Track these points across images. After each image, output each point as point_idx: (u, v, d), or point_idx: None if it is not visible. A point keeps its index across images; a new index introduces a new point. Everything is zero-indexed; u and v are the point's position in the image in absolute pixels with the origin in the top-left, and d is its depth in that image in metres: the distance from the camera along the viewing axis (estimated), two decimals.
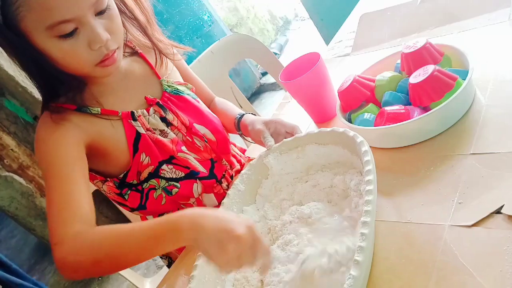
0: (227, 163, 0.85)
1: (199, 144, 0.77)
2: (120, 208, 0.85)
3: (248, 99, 2.09)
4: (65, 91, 0.66)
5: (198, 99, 0.83)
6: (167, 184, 0.74)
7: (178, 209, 0.80)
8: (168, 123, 0.75)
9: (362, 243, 0.44)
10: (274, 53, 1.51)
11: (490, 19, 0.75)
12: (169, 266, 0.90)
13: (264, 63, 1.23)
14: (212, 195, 0.81)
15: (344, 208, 0.58)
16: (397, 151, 0.62)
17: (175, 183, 0.75)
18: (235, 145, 0.97)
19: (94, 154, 0.66)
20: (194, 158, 0.77)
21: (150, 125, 0.72)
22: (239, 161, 0.91)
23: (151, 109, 0.73)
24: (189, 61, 1.03)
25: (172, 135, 0.74)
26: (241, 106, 1.21)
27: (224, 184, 0.83)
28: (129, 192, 0.73)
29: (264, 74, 2.95)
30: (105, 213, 1.84)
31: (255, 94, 2.90)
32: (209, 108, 0.90)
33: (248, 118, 0.82)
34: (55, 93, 0.66)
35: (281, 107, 0.98)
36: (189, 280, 0.54)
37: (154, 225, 0.49)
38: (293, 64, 0.84)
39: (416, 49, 0.65)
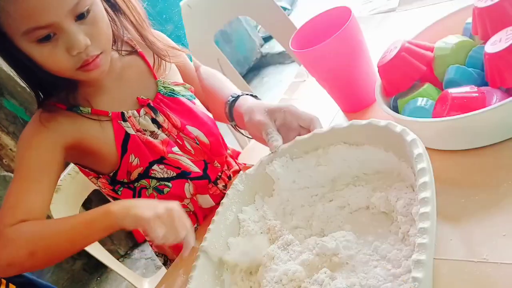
0: (219, 165, 1.05)
1: (189, 147, 0.98)
2: None
3: (243, 76, 2.05)
4: (57, 91, 0.88)
5: (195, 100, 1.03)
6: (158, 183, 0.97)
7: None
8: (159, 125, 0.96)
9: None
10: (282, 7, 1.48)
11: None
12: (164, 264, 1.20)
13: (267, 23, 1.23)
14: (207, 196, 1.03)
15: (386, 240, 0.58)
16: (467, 155, 0.63)
17: (166, 183, 0.98)
18: (227, 149, 1.07)
19: (82, 152, 0.91)
20: (187, 158, 0.97)
21: (141, 126, 0.94)
22: (231, 165, 1.07)
23: (142, 110, 0.95)
24: (156, 20, 1.07)
25: (163, 136, 0.96)
26: None
27: (221, 185, 1.04)
28: (121, 188, 0.97)
29: (267, 39, 2.93)
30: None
31: (254, 69, 2.88)
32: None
33: (246, 102, 0.86)
34: (47, 93, 0.89)
35: (293, 89, 0.99)
36: (188, 281, 0.67)
37: (86, 213, 0.76)
38: (311, 25, 0.84)
39: (495, 1, 0.65)
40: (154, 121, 0.95)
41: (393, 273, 0.54)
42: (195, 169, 0.99)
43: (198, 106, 1.03)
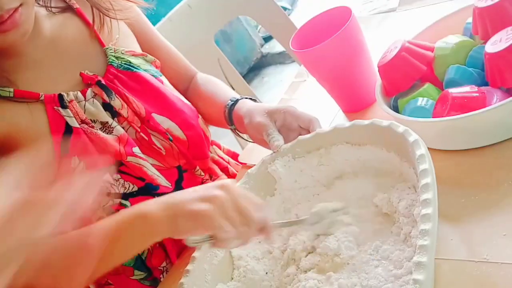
0: (203, 173, 0.84)
1: (159, 145, 0.77)
2: None
3: (244, 76, 2.06)
4: None
5: (163, 78, 0.83)
6: (110, 202, 0.74)
7: None
8: (113, 113, 0.74)
9: None
10: (282, 7, 1.49)
11: None
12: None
13: (267, 22, 1.23)
14: None
15: (387, 241, 0.58)
16: (468, 155, 0.63)
17: (123, 201, 0.75)
18: (219, 147, 0.95)
19: (8, 150, 0.66)
20: (151, 164, 0.77)
21: (87, 115, 0.72)
22: (224, 169, 0.90)
23: (89, 91, 0.73)
24: (155, 20, 1.02)
25: (119, 129, 0.74)
26: (232, 88, 1.21)
27: None
28: None
29: (267, 39, 2.93)
30: None
31: (254, 69, 2.88)
32: (187, 91, 0.91)
33: (245, 105, 0.81)
34: None
35: (293, 89, 0.98)
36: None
37: (110, 222, 0.53)
38: (311, 25, 0.84)
39: (496, 2, 0.65)
40: (107, 106, 0.74)
41: (394, 274, 0.54)
42: (163, 181, 0.78)
43: (167, 87, 0.82)
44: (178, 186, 0.81)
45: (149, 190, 0.76)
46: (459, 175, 0.61)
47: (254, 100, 0.83)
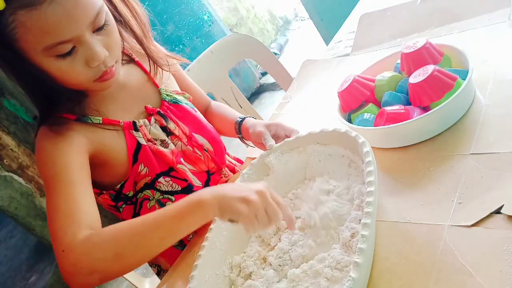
0: (226, 173, 0.85)
1: (199, 153, 0.78)
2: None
3: (247, 99, 2.04)
4: (64, 102, 0.64)
5: (196, 109, 0.82)
6: (161, 197, 0.74)
7: None
8: (168, 133, 0.74)
9: (362, 245, 0.44)
10: (274, 53, 1.51)
11: (490, 19, 0.75)
12: (158, 274, 0.89)
13: (264, 63, 1.23)
14: None
15: (343, 208, 0.58)
16: (397, 151, 0.63)
17: (170, 197, 0.75)
18: (228, 155, 0.95)
19: (94, 163, 0.64)
20: (189, 170, 0.77)
21: (151, 135, 0.72)
22: (232, 169, 0.89)
23: (152, 119, 0.73)
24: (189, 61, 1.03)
25: (172, 146, 0.74)
26: (241, 107, 1.20)
27: None
28: (124, 206, 0.73)
29: (264, 74, 2.93)
30: (104, 213, 1.84)
31: (255, 94, 2.88)
32: (205, 113, 0.91)
33: (250, 121, 0.81)
34: (54, 106, 0.63)
35: (281, 107, 0.98)
36: (190, 280, 0.55)
37: (174, 206, 0.50)
38: None
39: (416, 49, 0.65)
40: (164, 129, 0.73)
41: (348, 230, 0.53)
42: (197, 182, 0.78)
43: (199, 114, 0.83)
44: (206, 184, 0.80)
45: (189, 188, 0.76)
46: (391, 165, 0.61)
47: (255, 118, 0.84)
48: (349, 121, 0.71)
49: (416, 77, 0.62)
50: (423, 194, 0.53)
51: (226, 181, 0.85)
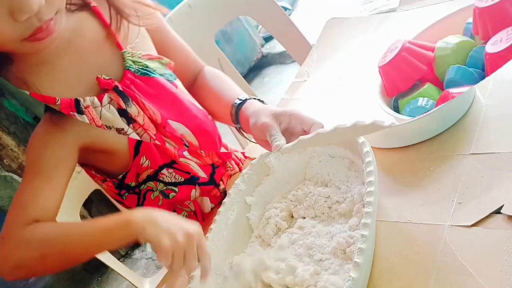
0: (231, 166, 0.74)
1: (173, 150, 0.65)
2: (120, 206, 0.84)
3: (244, 76, 1.43)
4: None
5: (177, 82, 0.63)
6: (165, 187, 0.69)
7: (174, 210, 0.76)
8: (129, 119, 0.57)
9: (362, 244, 0.44)
10: (283, 7, 1.05)
11: None
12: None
13: (268, 23, 0.91)
14: (207, 198, 0.74)
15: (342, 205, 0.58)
16: (397, 151, 0.62)
17: (173, 187, 0.69)
18: (226, 147, 0.80)
19: (95, 152, 0.60)
20: (195, 163, 0.70)
21: (103, 121, 0.55)
22: (237, 163, 0.82)
23: (106, 97, 0.55)
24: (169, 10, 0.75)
25: (134, 136, 0.59)
26: None
27: (221, 187, 0.75)
28: (126, 194, 0.69)
29: (268, 39, 2.17)
30: (104, 213, 1.84)
31: (254, 69, 2.13)
32: (193, 83, 0.72)
33: (252, 106, 0.61)
34: None
35: (294, 89, 0.75)
36: (189, 280, 0.54)
37: (104, 220, 0.50)
38: None
39: (496, 2, 0.49)
40: (122, 112, 0.56)
41: (349, 228, 0.53)
42: (202, 174, 0.69)
43: (182, 92, 0.64)
44: (211, 177, 0.73)
45: (192, 180, 0.69)
46: (391, 165, 0.61)
47: (262, 102, 0.63)
48: (396, 109, 0.56)
49: (497, 43, 0.47)
50: (423, 194, 0.53)
51: (231, 175, 0.77)
